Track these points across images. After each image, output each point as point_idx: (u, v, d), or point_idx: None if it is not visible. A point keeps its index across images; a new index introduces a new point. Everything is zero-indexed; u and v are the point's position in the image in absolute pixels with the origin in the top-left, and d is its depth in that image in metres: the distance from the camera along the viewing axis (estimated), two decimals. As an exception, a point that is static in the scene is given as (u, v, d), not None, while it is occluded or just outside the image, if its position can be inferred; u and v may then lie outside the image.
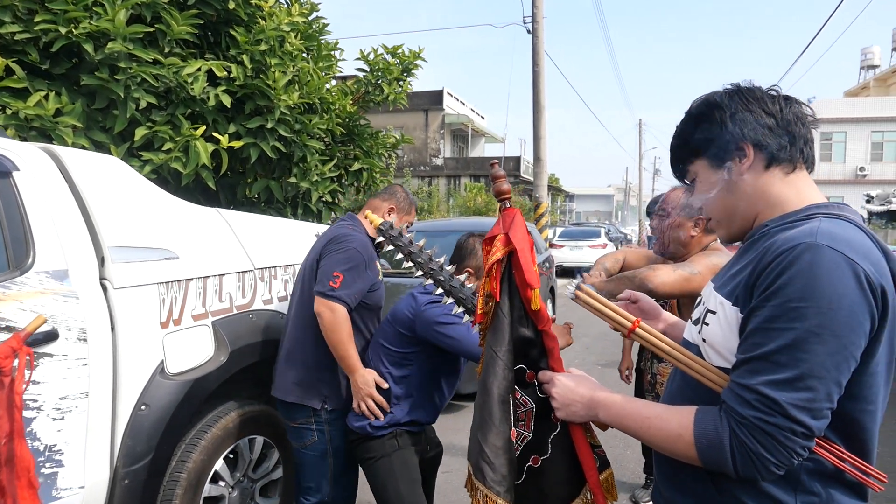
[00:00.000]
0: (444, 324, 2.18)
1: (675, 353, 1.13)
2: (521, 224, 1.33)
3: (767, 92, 1.11)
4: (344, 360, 2.22)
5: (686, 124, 1.15)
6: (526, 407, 1.33)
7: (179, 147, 3.60)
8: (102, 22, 3.23)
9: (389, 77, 5.21)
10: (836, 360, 0.90)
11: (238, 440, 2.33)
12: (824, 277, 0.89)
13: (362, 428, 2.23)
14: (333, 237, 2.33)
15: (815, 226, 0.96)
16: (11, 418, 1.12)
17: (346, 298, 2.24)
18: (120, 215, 1.90)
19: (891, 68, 33.05)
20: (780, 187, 1.07)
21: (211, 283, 2.16)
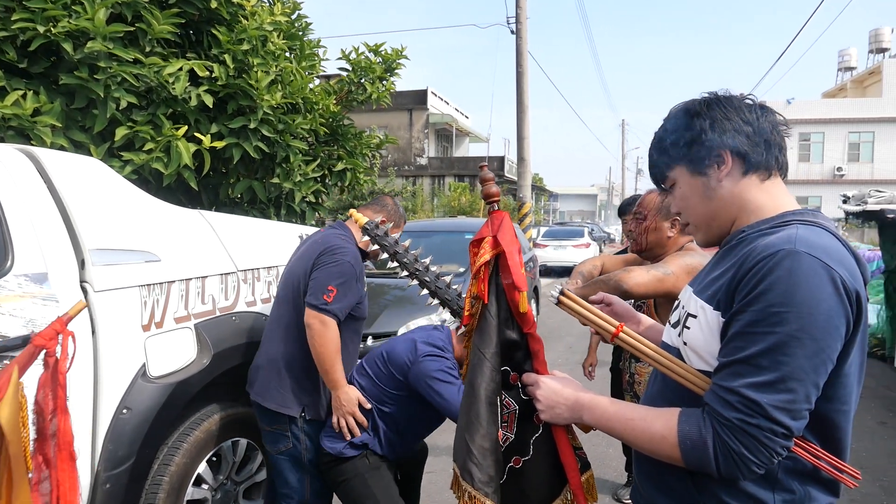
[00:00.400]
0: (439, 380, 2.19)
1: (657, 356, 1.15)
2: (510, 227, 1.35)
3: (744, 101, 1.14)
4: (329, 374, 2.21)
5: (665, 131, 1.18)
6: (509, 409, 1.34)
7: (161, 147, 3.56)
8: (82, 21, 3.19)
9: (372, 76, 5.20)
10: (815, 363, 0.93)
11: (221, 443, 2.31)
12: (803, 283, 0.92)
13: (336, 450, 2.23)
14: (328, 248, 2.30)
15: (793, 233, 0.99)
16: (56, 395, 1.20)
17: (338, 313, 2.24)
18: (100, 217, 1.88)
19: (867, 70, 33.61)
20: (757, 193, 1.10)
21: (193, 285, 2.15)
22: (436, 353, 2.25)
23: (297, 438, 2.28)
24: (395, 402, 2.29)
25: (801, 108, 31.20)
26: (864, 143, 30.70)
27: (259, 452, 2.55)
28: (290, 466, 2.29)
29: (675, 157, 1.16)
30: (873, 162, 30.44)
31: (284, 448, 2.28)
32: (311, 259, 2.32)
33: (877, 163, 30.32)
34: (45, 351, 1.17)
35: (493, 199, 1.40)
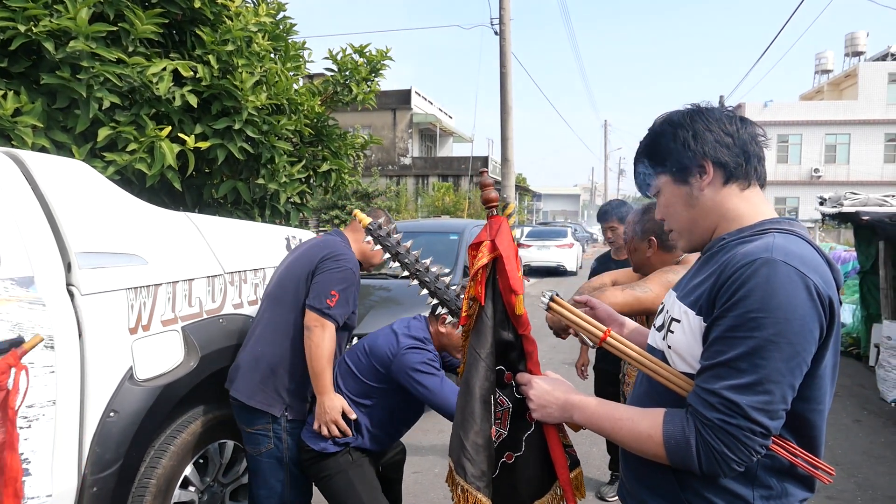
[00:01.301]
0: (421, 372, 2.23)
1: (643, 359, 1.20)
2: (507, 231, 1.39)
3: (724, 113, 1.18)
4: (319, 378, 2.23)
5: (649, 141, 1.22)
6: (503, 406, 1.39)
7: (144, 148, 3.54)
8: (63, 20, 3.16)
9: (358, 77, 5.21)
10: (791, 366, 0.98)
11: (208, 444, 2.32)
12: (780, 291, 0.97)
13: (319, 447, 2.25)
14: (331, 254, 2.33)
15: (770, 241, 1.04)
16: (4, 431, 1.16)
17: (338, 318, 2.27)
18: (87, 220, 1.88)
19: (843, 73, 34.21)
20: (737, 202, 1.15)
21: (180, 287, 2.15)
22: (417, 345, 2.29)
23: (279, 438, 2.29)
24: (378, 395, 2.32)
25: (779, 110, 31.69)
26: (840, 144, 31.26)
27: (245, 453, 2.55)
28: (271, 468, 2.30)
29: (659, 166, 1.20)
30: (849, 163, 31.01)
31: (265, 448, 2.29)
32: (313, 261, 2.34)
33: (853, 164, 30.90)
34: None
35: (492, 204, 1.44)
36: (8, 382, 1.24)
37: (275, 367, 2.29)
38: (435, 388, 2.21)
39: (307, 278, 2.31)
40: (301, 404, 2.35)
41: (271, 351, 2.30)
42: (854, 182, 29.36)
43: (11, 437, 1.23)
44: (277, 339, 2.32)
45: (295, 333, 2.31)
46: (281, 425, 2.29)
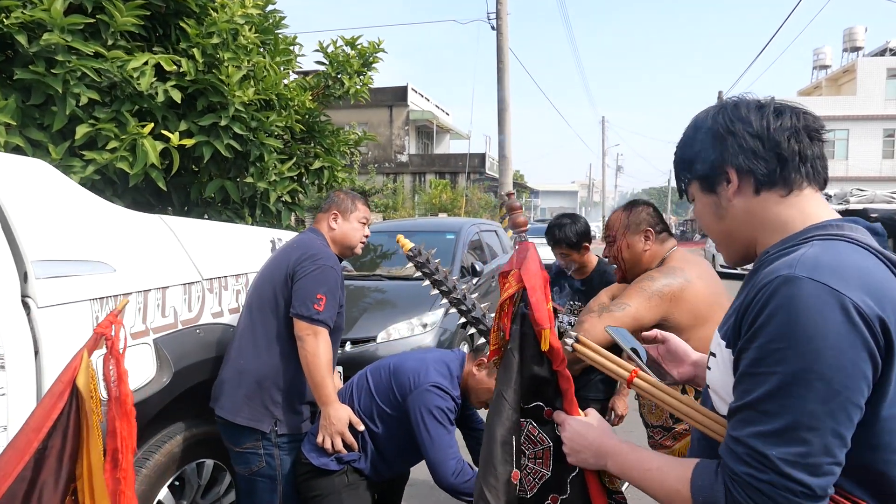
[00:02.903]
0: (434, 417, 2.08)
1: (675, 402, 1.05)
2: (535, 258, 1.29)
3: (753, 109, 1.00)
4: (320, 388, 2.09)
5: (679, 143, 1.08)
6: (543, 445, 1.27)
7: (125, 146, 3.38)
8: (37, 12, 3.00)
9: (350, 70, 5.05)
10: (831, 408, 0.79)
11: (185, 465, 2.16)
12: (803, 314, 0.80)
13: (320, 462, 2.10)
14: (307, 255, 2.19)
15: (799, 254, 0.87)
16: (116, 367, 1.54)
17: (329, 321, 2.13)
18: (46, 225, 1.72)
19: (841, 69, 34.12)
20: (779, 210, 0.98)
21: (152, 296, 1.99)
22: (443, 386, 2.14)
23: (271, 455, 2.14)
24: (386, 422, 2.17)
25: (778, 105, 31.54)
26: (838, 140, 31.18)
27: (227, 473, 2.40)
28: (264, 488, 2.15)
29: (687, 172, 1.06)
30: (848, 159, 30.94)
31: (257, 468, 2.14)
32: (289, 265, 2.20)
33: (851, 160, 30.82)
34: (104, 336, 1.53)
35: (522, 230, 1.35)
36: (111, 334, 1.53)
37: (260, 380, 2.14)
38: (438, 439, 2.07)
39: (285, 282, 2.18)
40: (293, 417, 2.20)
41: (255, 363, 2.16)
42: (853, 178, 29.26)
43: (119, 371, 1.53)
44: (260, 349, 2.17)
45: (279, 342, 2.17)
46: (271, 441, 2.15)
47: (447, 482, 2.06)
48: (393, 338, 4.22)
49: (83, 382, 1.47)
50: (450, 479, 2.06)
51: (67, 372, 1.46)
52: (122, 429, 1.51)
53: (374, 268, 5.42)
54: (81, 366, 1.48)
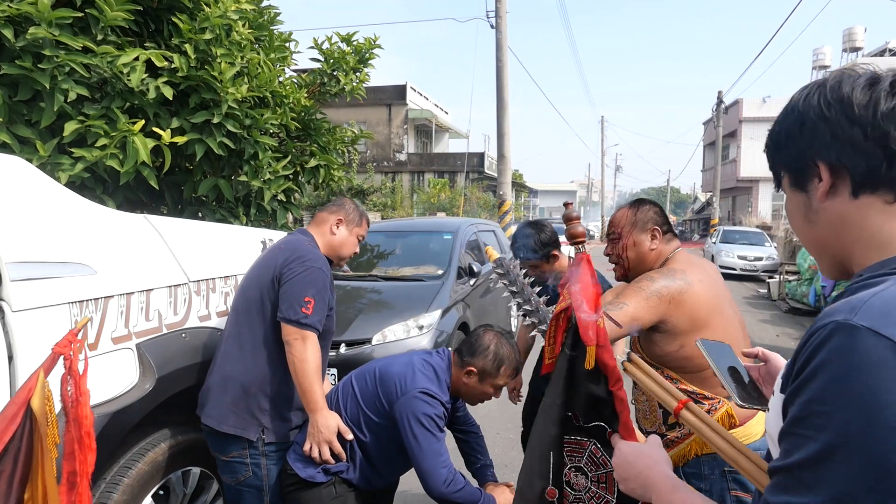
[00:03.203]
0: (422, 425, 2.01)
1: (723, 443, 0.98)
2: (586, 272, 1.24)
3: (861, 86, 0.79)
4: (308, 395, 2.01)
5: (774, 125, 0.90)
6: (606, 468, 1.21)
7: (116, 143, 3.31)
8: (24, 5, 2.93)
9: (346, 67, 4.97)
10: (880, 493, 0.62)
11: (170, 474, 2.08)
12: (856, 374, 0.64)
13: (306, 474, 2.03)
14: (295, 256, 2.11)
15: (871, 293, 0.69)
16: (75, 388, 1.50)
17: (318, 325, 2.05)
18: (22, 225, 1.64)
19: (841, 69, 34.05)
20: (882, 221, 0.77)
21: (136, 299, 1.91)
22: (432, 392, 2.07)
23: (258, 465, 2.07)
24: (374, 430, 2.10)
25: (777, 105, 31.32)
26: (838, 140, 31.11)
27: (214, 481, 2.32)
28: (251, 498, 2.08)
29: (775, 160, 0.90)
30: (847, 159, 30.87)
31: (243, 477, 2.07)
32: (276, 267, 2.12)
33: (851, 160, 30.75)
34: (61, 356, 1.48)
35: (580, 241, 1.31)
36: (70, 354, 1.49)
37: (246, 387, 2.07)
38: (427, 448, 1.99)
39: (272, 285, 2.10)
40: (281, 425, 2.12)
41: (241, 368, 2.08)
42: (852, 178, 29.21)
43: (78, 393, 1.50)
44: (246, 354, 2.09)
45: (266, 347, 2.09)
46: (258, 450, 2.07)
47: (438, 491, 2.00)
48: (388, 340, 4.15)
49: (38, 405, 1.42)
50: (441, 489, 1.99)
51: (22, 393, 1.41)
52: (80, 451, 1.47)
53: (370, 268, 5.35)
54: (37, 387, 1.43)
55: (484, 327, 2.27)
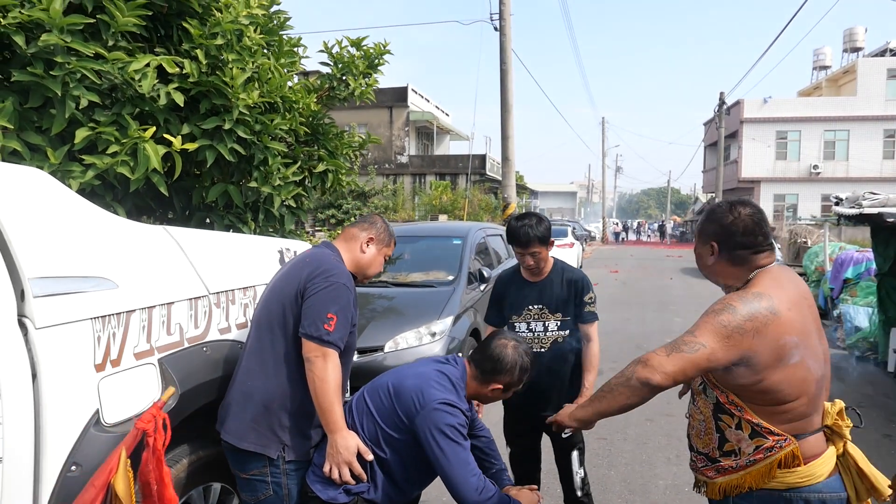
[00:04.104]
0: (446, 436, 1.96)
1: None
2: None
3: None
4: (327, 414, 1.96)
5: None
6: None
7: (127, 150, 3.27)
8: (35, 11, 2.89)
9: (355, 71, 4.94)
10: None
11: (191, 490, 2.05)
12: None
13: (327, 496, 1.98)
14: (320, 271, 2.06)
15: None
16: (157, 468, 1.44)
17: (340, 343, 2.00)
18: (45, 240, 1.60)
19: (842, 69, 34.06)
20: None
21: (157, 313, 1.87)
22: (450, 401, 2.02)
23: (278, 484, 2.02)
24: (393, 447, 2.05)
25: (778, 106, 31.52)
26: (839, 141, 31.14)
27: (235, 497, 2.28)
28: None
29: None
30: (848, 160, 30.88)
31: (264, 496, 2.02)
32: (300, 280, 2.06)
33: (852, 160, 30.76)
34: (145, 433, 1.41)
35: None
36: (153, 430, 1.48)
37: (268, 403, 2.02)
38: (454, 459, 1.95)
39: (295, 299, 2.04)
40: (302, 443, 2.07)
41: (262, 385, 2.03)
42: (853, 178, 29.22)
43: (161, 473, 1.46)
44: (268, 370, 2.05)
45: (288, 363, 2.04)
46: (279, 468, 2.02)
47: (472, 501, 1.94)
48: (401, 347, 4.11)
49: (122, 488, 1.31)
50: (475, 497, 1.94)
51: (101, 475, 1.31)
52: None
53: (380, 274, 5.31)
54: (119, 467, 1.32)
55: (499, 339, 2.22)
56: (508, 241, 2.79)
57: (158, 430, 1.38)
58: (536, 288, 2.77)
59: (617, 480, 3.69)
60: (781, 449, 1.56)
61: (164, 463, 1.38)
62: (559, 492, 2.86)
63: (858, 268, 8.21)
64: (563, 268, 2.82)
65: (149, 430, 1.37)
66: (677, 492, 3.56)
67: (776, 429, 1.57)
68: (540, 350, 2.69)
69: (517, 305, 2.78)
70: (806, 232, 14.77)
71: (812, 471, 1.57)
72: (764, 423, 1.58)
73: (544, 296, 2.74)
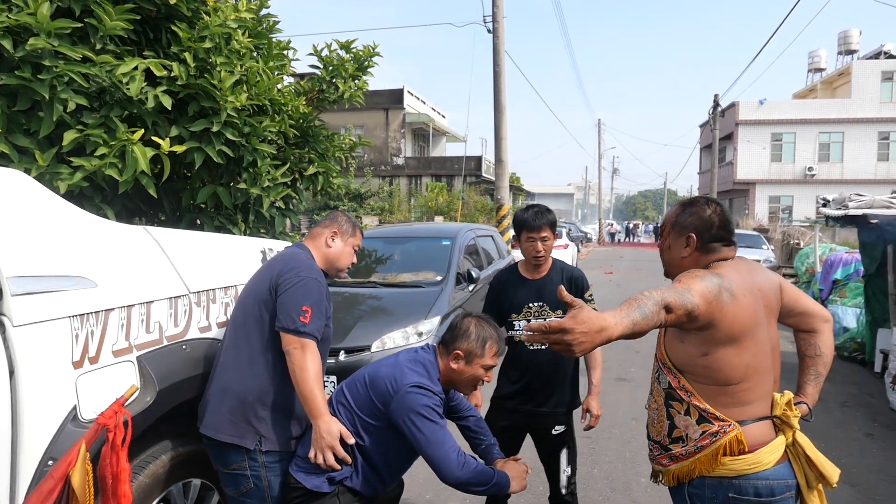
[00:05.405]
0: (422, 416, 2.02)
1: None
2: None
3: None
4: (309, 401, 2.03)
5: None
6: None
7: (115, 152, 3.31)
8: (23, 16, 2.93)
9: (345, 74, 4.98)
10: None
11: (170, 486, 2.08)
12: None
13: (312, 484, 2.04)
14: (290, 267, 2.15)
15: None
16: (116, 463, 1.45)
17: (316, 333, 2.08)
18: (23, 239, 1.64)
19: (836, 71, 34.20)
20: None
21: (136, 312, 1.91)
22: (423, 384, 2.08)
23: (258, 477, 2.07)
24: (371, 433, 2.11)
25: (773, 108, 31.64)
26: (833, 143, 31.26)
27: (215, 493, 2.32)
28: None
29: None
30: (843, 162, 31.00)
31: (245, 489, 2.08)
32: (273, 277, 2.15)
33: (846, 163, 30.88)
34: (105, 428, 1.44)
35: None
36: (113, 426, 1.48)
37: (244, 396, 2.08)
38: (432, 437, 2.01)
39: (269, 296, 2.13)
40: (280, 434, 2.13)
41: (237, 378, 2.10)
42: (848, 181, 29.32)
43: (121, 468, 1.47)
44: (244, 365, 2.11)
45: (263, 357, 2.12)
46: (257, 460, 2.08)
47: (455, 476, 2.01)
48: (388, 347, 4.15)
49: (78, 481, 1.33)
50: (457, 473, 2.01)
51: (60, 467, 1.33)
52: None
53: (369, 274, 5.35)
54: (77, 461, 1.34)
55: (463, 314, 2.31)
56: (516, 230, 2.78)
57: (119, 426, 1.41)
58: (535, 285, 2.77)
59: (600, 478, 3.73)
60: (726, 434, 1.63)
61: (122, 459, 1.40)
62: (542, 489, 2.90)
63: (847, 269, 8.27)
64: (562, 266, 2.84)
65: (109, 426, 1.40)
66: (658, 489, 3.59)
67: (721, 413, 1.64)
68: (541, 347, 2.68)
69: (517, 303, 2.78)
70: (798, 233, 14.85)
71: (759, 458, 1.63)
72: (710, 408, 1.65)
73: (544, 293, 2.73)
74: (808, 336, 1.91)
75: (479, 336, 2.18)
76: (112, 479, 1.40)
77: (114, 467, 1.39)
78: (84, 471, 1.34)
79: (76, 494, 1.32)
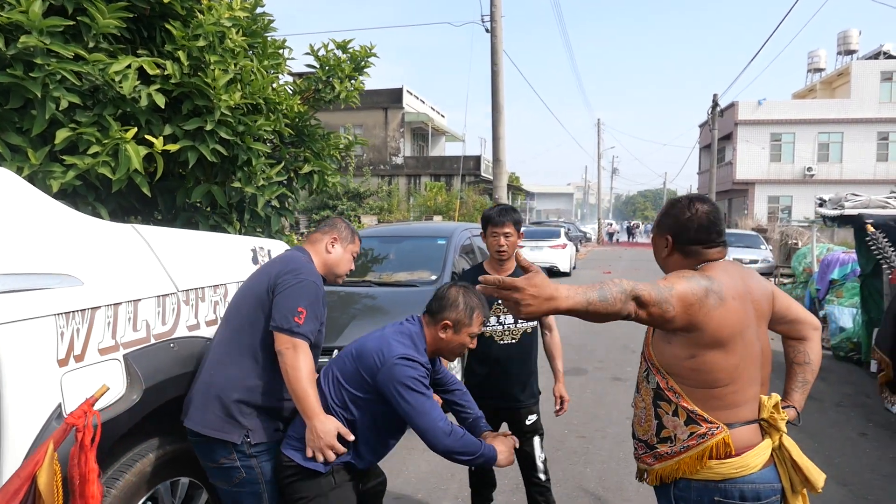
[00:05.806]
0: (409, 388, 2.05)
1: None
2: None
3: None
4: (303, 401, 2.03)
5: None
6: None
7: (108, 150, 3.31)
8: (14, 13, 2.92)
9: (341, 74, 4.98)
10: None
11: (157, 485, 2.08)
12: None
13: (309, 465, 2.05)
14: (289, 269, 2.17)
15: None
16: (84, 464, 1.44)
17: (310, 335, 2.09)
18: (8, 237, 1.64)
19: (836, 71, 34.19)
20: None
21: (123, 310, 1.91)
22: (410, 355, 2.11)
23: (249, 466, 2.08)
24: (361, 406, 2.13)
25: (773, 108, 31.64)
26: (833, 143, 31.27)
27: (203, 491, 2.32)
28: (250, 498, 2.09)
29: None
30: (842, 162, 31.01)
31: (238, 479, 2.08)
32: (269, 278, 2.16)
33: (845, 163, 30.89)
34: (74, 427, 1.42)
35: None
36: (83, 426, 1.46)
37: (229, 392, 2.08)
38: (420, 407, 2.04)
39: (266, 295, 2.14)
40: (266, 427, 2.14)
41: (223, 372, 2.10)
42: (847, 181, 29.33)
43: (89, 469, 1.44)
44: (230, 359, 2.12)
45: (253, 355, 2.12)
46: (245, 453, 2.08)
47: (443, 444, 2.04)
48: (382, 346, 4.15)
49: (45, 481, 1.32)
50: (445, 441, 2.04)
51: (28, 466, 1.32)
52: None
53: (364, 274, 5.34)
54: (45, 461, 1.34)
55: (448, 284, 2.34)
56: (483, 226, 2.92)
57: (88, 426, 1.41)
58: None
59: (592, 478, 3.72)
60: (713, 436, 1.62)
61: (91, 459, 1.40)
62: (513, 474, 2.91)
63: (844, 269, 8.27)
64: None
65: (78, 426, 1.39)
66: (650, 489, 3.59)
67: (709, 416, 1.63)
68: (511, 342, 2.83)
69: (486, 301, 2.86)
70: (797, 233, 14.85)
71: (745, 462, 1.62)
72: (698, 409, 1.64)
73: None
74: (798, 343, 1.90)
75: (466, 305, 2.22)
76: (80, 480, 1.39)
77: (82, 468, 1.38)
78: (52, 471, 1.34)
79: (42, 495, 1.31)
